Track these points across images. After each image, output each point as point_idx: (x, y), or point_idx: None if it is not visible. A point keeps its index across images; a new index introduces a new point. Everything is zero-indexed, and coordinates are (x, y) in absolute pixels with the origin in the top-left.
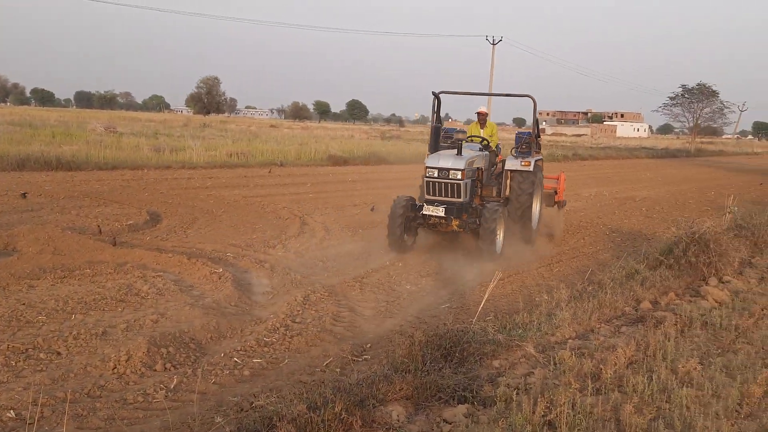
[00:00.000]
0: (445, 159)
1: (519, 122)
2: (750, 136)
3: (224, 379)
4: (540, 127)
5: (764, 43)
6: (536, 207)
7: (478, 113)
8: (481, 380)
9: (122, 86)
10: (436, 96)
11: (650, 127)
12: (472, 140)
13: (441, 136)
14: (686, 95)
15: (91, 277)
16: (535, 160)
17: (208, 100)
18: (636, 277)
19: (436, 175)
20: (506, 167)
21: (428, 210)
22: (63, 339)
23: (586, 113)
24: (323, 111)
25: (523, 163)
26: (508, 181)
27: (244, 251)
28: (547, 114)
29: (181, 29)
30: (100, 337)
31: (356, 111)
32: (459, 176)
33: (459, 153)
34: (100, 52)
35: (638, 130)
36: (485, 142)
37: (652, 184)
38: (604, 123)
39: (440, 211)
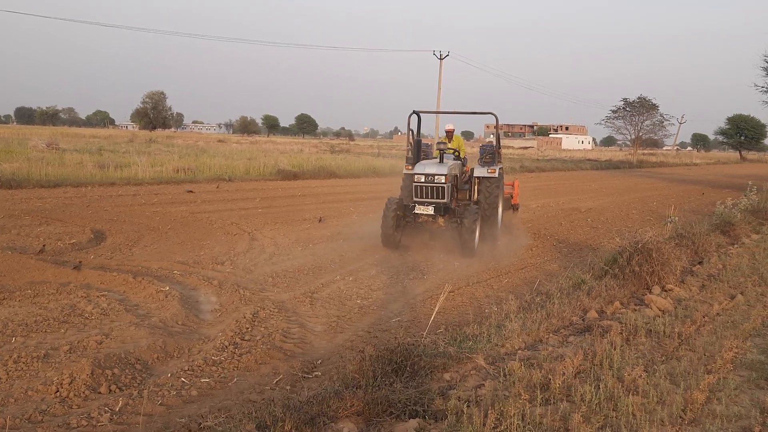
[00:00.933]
0: (431, 167)
1: (467, 135)
2: (689, 148)
3: (171, 400)
4: (487, 140)
5: (701, 58)
6: (500, 209)
7: (447, 130)
8: (432, 394)
9: (65, 102)
10: (417, 114)
11: (594, 139)
12: (445, 152)
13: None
14: (628, 108)
15: (32, 298)
16: (499, 168)
17: (154, 115)
18: (582, 287)
19: (423, 180)
20: (475, 174)
21: (420, 209)
22: (2, 363)
23: (532, 126)
24: (272, 125)
25: (489, 171)
26: (476, 186)
27: (192, 268)
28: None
29: (126, 44)
30: (41, 359)
31: (305, 125)
32: (443, 180)
33: (441, 161)
34: (42, 67)
35: (583, 142)
36: (457, 153)
37: (597, 195)
38: (550, 136)
39: (430, 210)
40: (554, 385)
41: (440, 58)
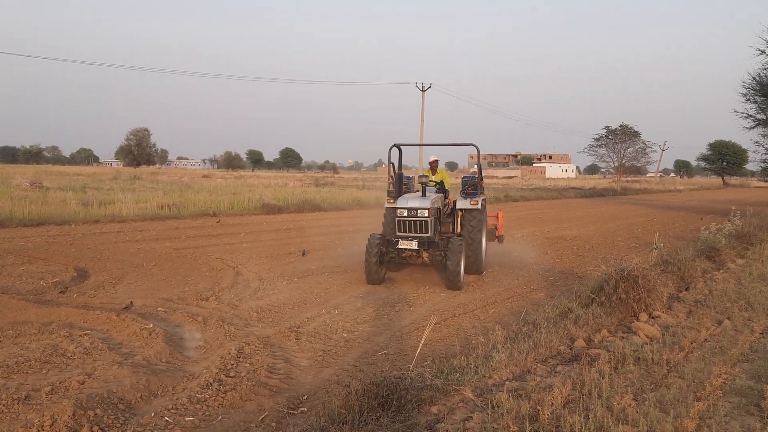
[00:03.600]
0: (413, 200)
1: (451, 166)
2: (672, 174)
3: None
4: (471, 170)
5: (682, 84)
6: (484, 240)
7: (431, 162)
8: (419, 428)
9: (49, 140)
10: (398, 147)
11: (578, 167)
12: (427, 185)
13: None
14: (610, 136)
15: (13, 338)
16: (482, 200)
17: (139, 152)
18: (569, 316)
19: (406, 214)
20: (458, 206)
21: (403, 244)
22: None
23: (515, 156)
24: (257, 160)
25: (472, 203)
26: (459, 219)
27: (176, 305)
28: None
29: (110, 81)
30: (22, 401)
31: (290, 159)
32: (426, 214)
33: (423, 194)
34: (25, 106)
35: (566, 170)
36: (438, 185)
37: (582, 223)
38: (534, 165)
39: (413, 245)
40: (543, 416)
41: (422, 90)
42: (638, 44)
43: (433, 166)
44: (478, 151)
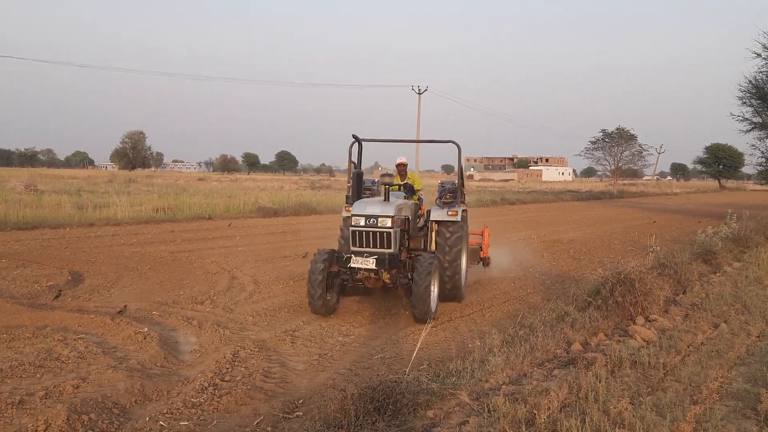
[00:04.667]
0: (373, 206)
1: (448, 169)
2: (669, 177)
3: None
4: (468, 173)
5: (678, 89)
6: (464, 261)
7: (398, 164)
8: None
9: (44, 143)
10: (358, 140)
11: (574, 170)
12: (391, 189)
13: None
14: (606, 139)
15: (7, 342)
16: (462, 210)
17: (134, 155)
18: (566, 319)
19: (363, 223)
20: (432, 218)
21: (356, 262)
22: None
23: (512, 159)
24: (252, 162)
25: (449, 213)
26: (434, 233)
27: (171, 308)
28: (475, 160)
29: (104, 84)
30: (16, 406)
31: (286, 162)
32: (389, 224)
33: (387, 199)
34: (20, 109)
35: (563, 173)
36: (403, 189)
37: (578, 226)
38: (530, 168)
39: (370, 263)
40: (539, 420)
41: (419, 93)
42: (634, 47)
43: (401, 170)
44: (459, 150)
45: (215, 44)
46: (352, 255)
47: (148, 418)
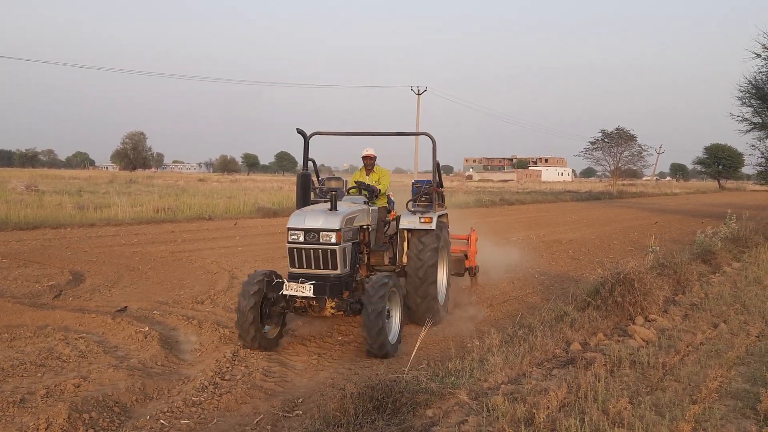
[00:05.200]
0: (313, 217)
1: (447, 169)
2: (668, 177)
3: None
4: (467, 173)
5: (678, 90)
6: (442, 275)
7: (365, 157)
8: (414, 431)
9: (44, 143)
10: (303, 134)
11: (574, 171)
12: (349, 192)
13: (315, 188)
14: (606, 140)
15: (8, 341)
16: (438, 216)
17: (134, 155)
18: (565, 319)
19: (301, 239)
20: (401, 226)
21: (289, 288)
22: None
23: (511, 159)
24: (252, 163)
25: (423, 220)
26: (405, 243)
27: (172, 308)
28: (474, 161)
29: (105, 85)
30: (17, 404)
31: (285, 162)
32: (333, 239)
33: (333, 208)
34: (21, 109)
35: (562, 174)
36: (365, 191)
37: (578, 227)
38: (530, 168)
39: (307, 290)
40: (539, 419)
41: (418, 94)
42: (634, 47)
43: (369, 163)
44: (434, 144)
45: (215, 45)
46: (287, 280)
47: (148, 417)
